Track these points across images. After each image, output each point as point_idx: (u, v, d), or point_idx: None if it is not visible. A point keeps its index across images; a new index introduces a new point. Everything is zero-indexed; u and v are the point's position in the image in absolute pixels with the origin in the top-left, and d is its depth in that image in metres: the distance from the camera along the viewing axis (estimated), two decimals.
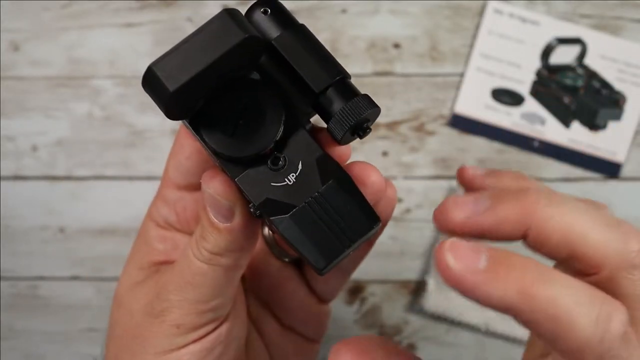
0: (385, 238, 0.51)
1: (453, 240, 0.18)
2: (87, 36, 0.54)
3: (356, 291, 0.51)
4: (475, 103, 0.52)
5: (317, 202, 0.20)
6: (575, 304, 0.17)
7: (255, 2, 0.22)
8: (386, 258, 0.51)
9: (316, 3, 0.53)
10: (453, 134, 0.52)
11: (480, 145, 0.52)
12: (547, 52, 0.52)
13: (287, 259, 0.30)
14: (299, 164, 0.21)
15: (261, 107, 0.21)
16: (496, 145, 0.52)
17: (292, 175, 0.21)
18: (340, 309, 0.51)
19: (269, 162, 0.21)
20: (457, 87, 0.52)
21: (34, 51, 0.54)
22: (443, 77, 0.53)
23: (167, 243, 0.28)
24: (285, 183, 0.21)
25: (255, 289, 0.31)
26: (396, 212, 0.51)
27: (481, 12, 0.53)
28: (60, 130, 0.53)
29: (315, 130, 0.24)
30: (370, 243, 0.29)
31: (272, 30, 0.21)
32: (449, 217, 0.20)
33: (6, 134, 0.53)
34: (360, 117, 0.21)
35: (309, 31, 0.22)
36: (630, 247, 0.19)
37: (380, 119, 0.52)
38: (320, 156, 0.21)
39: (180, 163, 0.27)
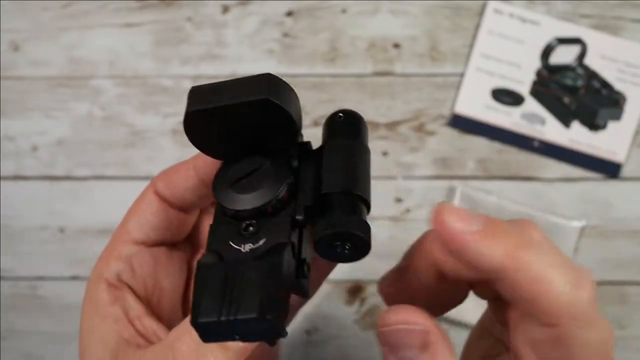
0: (385, 238, 0.51)
1: (451, 204, 0.20)
2: (87, 36, 0.54)
3: (356, 291, 0.51)
4: (475, 103, 0.52)
5: (235, 266, 0.20)
6: (551, 267, 0.19)
7: (344, 109, 0.24)
8: (386, 258, 0.51)
9: (316, 3, 0.53)
10: (453, 134, 0.52)
11: (480, 145, 0.52)
12: (547, 52, 0.52)
13: None
14: (261, 241, 0.21)
15: (267, 178, 0.22)
16: (496, 145, 0.52)
17: (249, 246, 0.21)
18: (340, 309, 0.51)
19: (243, 224, 0.22)
20: (457, 87, 0.52)
21: (34, 51, 0.54)
22: (443, 77, 0.53)
23: (117, 305, 0.27)
24: (240, 249, 0.21)
25: None
26: (396, 211, 0.52)
27: (481, 12, 0.53)
28: (60, 130, 0.53)
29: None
30: (331, 266, 0.27)
31: (337, 136, 0.23)
32: (442, 220, 0.20)
33: (6, 134, 0.53)
34: (339, 229, 0.20)
35: (364, 151, 0.23)
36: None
37: (380, 119, 0.52)
38: (280, 244, 0.21)
39: (147, 219, 0.27)
